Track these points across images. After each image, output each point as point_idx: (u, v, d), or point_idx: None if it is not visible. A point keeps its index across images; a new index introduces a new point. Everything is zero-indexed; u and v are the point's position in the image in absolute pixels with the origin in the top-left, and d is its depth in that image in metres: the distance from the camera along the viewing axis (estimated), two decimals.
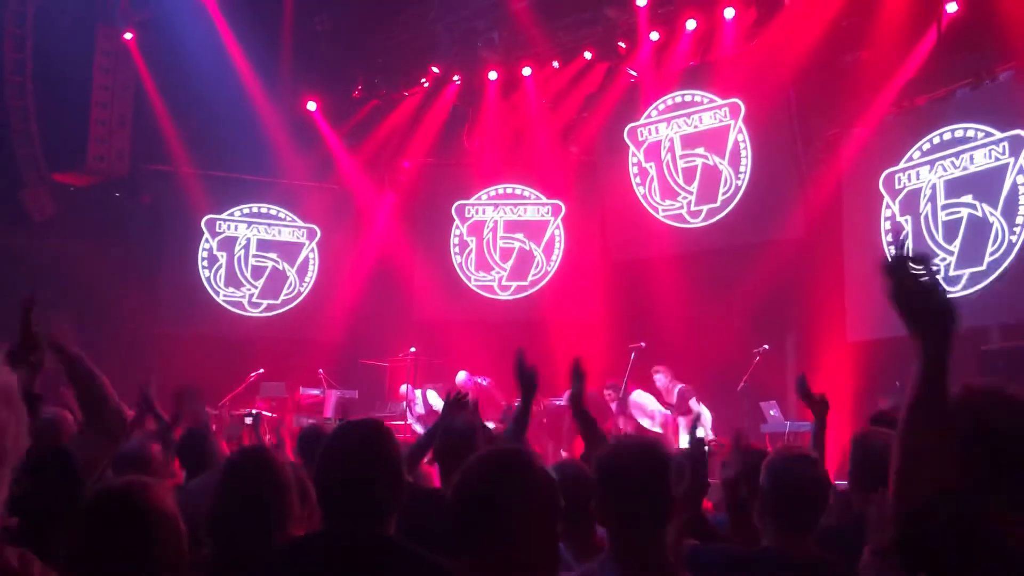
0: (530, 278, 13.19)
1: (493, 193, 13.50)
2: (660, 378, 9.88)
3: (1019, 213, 8.67)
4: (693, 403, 9.54)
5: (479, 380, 10.82)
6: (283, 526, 2.54)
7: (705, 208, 11.44)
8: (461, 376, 10.69)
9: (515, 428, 3.63)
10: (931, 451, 1.69)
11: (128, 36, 12.16)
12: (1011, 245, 8.69)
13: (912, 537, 1.65)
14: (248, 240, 13.37)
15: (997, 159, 8.91)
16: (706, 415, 9.55)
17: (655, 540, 2.19)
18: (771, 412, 9.49)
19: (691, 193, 11.58)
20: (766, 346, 9.82)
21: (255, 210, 13.47)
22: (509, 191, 13.50)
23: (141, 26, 12.33)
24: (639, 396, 9.91)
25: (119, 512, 1.88)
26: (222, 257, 13.20)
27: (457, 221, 13.46)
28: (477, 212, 13.48)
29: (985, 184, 8.99)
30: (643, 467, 2.21)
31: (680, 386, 9.71)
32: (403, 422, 10.71)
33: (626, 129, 12.12)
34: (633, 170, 12.08)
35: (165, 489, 1.96)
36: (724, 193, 11.30)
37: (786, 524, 2.65)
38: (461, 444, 3.60)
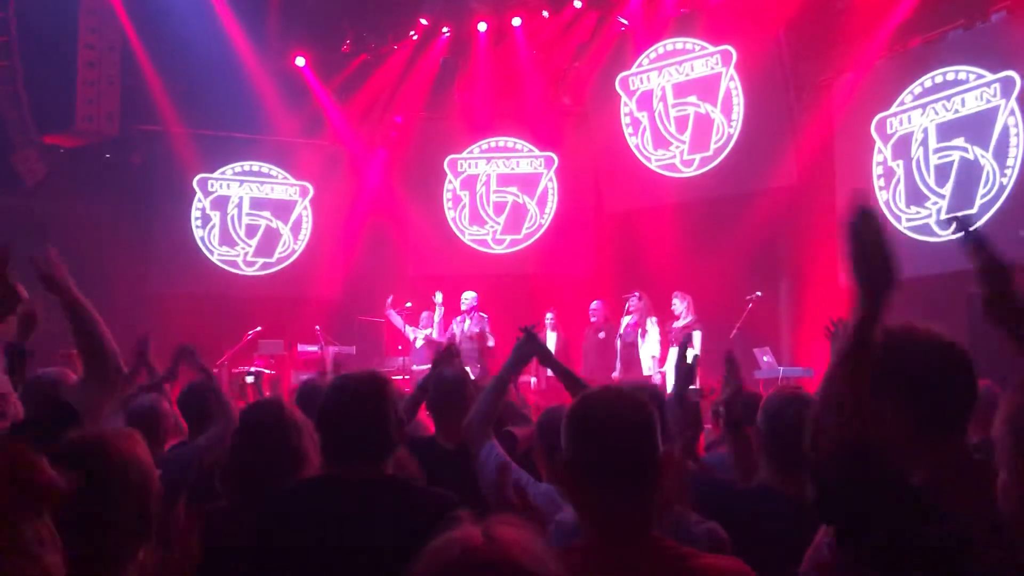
0: (524, 231, 13.20)
1: (485, 146, 13.45)
2: (678, 303, 9.92)
3: (1010, 155, 8.69)
4: (696, 337, 9.60)
5: None
6: (301, 473, 2.61)
7: (698, 157, 11.43)
8: None
9: (493, 390, 3.12)
10: (850, 403, 1.70)
11: None
12: (1002, 187, 8.72)
13: (823, 489, 1.68)
14: (241, 199, 13.32)
15: (988, 101, 8.90)
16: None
17: (640, 504, 1.79)
18: (764, 358, 9.59)
19: (684, 142, 11.56)
20: (759, 293, 9.90)
21: (247, 168, 13.40)
22: (501, 144, 13.44)
23: None
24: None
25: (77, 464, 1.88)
26: (215, 216, 13.17)
27: (450, 175, 13.42)
28: (470, 166, 13.44)
29: (976, 127, 9.00)
30: (628, 419, 1.81)
31: (692, 318, 9.80)
32: (402, 377, 10.79)
33: (618, 78, 12.05)
34: (625, 120, 12.04)
35: (133, 442, 1.95)
36: (716, 141, 11.29)
37: (781, 463, 2.71)
38: (453, 393, 3.75)
